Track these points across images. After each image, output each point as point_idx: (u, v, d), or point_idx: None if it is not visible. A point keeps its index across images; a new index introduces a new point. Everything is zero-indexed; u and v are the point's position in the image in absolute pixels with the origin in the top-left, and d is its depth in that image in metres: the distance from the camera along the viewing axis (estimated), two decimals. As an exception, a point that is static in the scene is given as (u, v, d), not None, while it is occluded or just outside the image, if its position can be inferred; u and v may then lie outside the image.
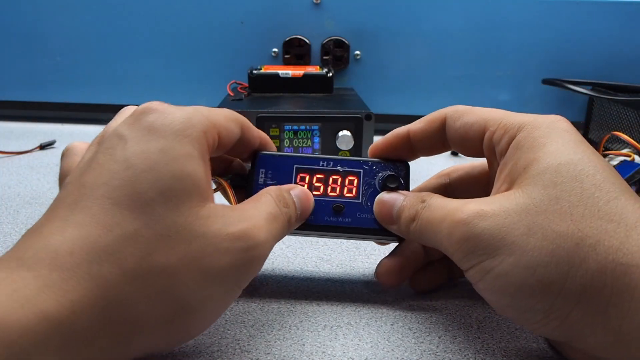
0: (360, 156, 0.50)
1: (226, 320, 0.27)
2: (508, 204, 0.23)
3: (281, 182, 0.29)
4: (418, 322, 0.28)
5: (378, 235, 0.29)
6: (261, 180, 0.29)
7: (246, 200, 0.26)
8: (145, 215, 0.21)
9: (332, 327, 0.27)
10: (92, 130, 0.72)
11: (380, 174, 0.30)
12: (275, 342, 0.26)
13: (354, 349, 0.25)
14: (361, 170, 0.30)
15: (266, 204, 0.26)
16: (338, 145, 0.50)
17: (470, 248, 0.23)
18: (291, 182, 0.29)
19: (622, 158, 0.44)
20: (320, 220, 0.29)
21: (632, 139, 0.43)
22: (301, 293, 0.31)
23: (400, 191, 0.29)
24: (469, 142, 0.28)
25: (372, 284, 0.32)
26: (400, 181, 0.29)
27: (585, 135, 0.69)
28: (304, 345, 0.26)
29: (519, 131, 0.25)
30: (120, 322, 0.19)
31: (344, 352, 0.25)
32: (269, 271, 0.33)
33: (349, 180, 0.30)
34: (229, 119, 0.26)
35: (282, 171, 0.30)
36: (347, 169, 0.30)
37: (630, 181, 0.41)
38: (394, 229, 0.28)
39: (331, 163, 0.30)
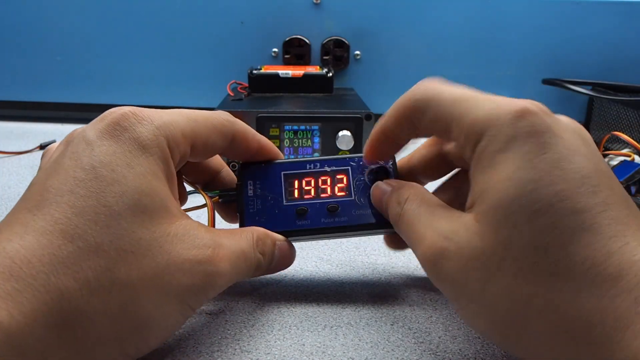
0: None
1: (226, 321, 0.27)
2: (467, 245, 0.21)
3: (271, 191, 0.29)
4: (418, 322, 0.28)
5: (376, 229, 0.29)
6: (251, 193, 0.29)
7: (229, 229, 0.26)
8: (110, 228, 0.20)
9: (332, 327, 0.27)
10: (92, 130, 0.71)
11: (368, 168, 0.30)
12: (275, 342, 0.26)
13: (354, 349, 0.25)
14: (349, 167, 0.30)
15: (244, 240, 0.26)
16: (338, 145, 0.50)
17: (438, 286, 0.23)
18: (281, 190, 0.29)
19: (622, 158, 0.44)
20: (317, 223, 0.29)
21: (632, 139, 0.43)
22: (301, 293, 0.31)
23: (389, 181, 0.28)
24: (441, 138, 0.25)
25: (372, 284, 0.32)
26: (389, 173, 0.29)
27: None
28: (304, 345, 0.26)
29: (480, 138, 0.22)
30: (76, 336, 0.19)
31: (344, 352, 0.25)
32: (269, 271, 0.33)
33: (339, 178, 0.29)
34: (214, 130, 0.26)
35: (270, 180, 0.29)
36: (334, 168, 0.30)
37: (630, 181, 0.41)
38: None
39: (318, 164, 0.30)
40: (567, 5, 0.70)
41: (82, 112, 0.78)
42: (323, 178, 0.29)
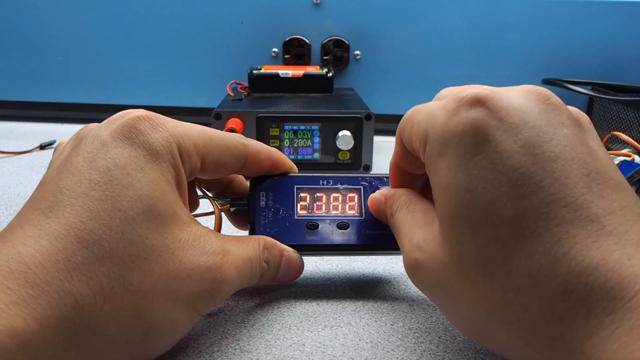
0: (361, 157, 0.51)
1: (226, 321, 0.27)
2: (433, 256, 0.21)
3: (283, 204, 0.29)
4: (418, 322, 0.28)
5: (385, 250, 0.29)
6: (262, 204, 0.29)
7: (238, 237, 0.26)
8: (124, 234, 0.20)
9: (332, 327, 0.27)
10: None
11: (380, 189, 0.30)
12: (275, 342, 0.26)
13: (354, 349, 0.25)
14: (361, 187, 0.30)
15: (251, 248, 0.26)
16: (338, 145, 0.50)
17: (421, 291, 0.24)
18: (293, 203, 0.29)
19: (622, 158, 0.44)
20: (327, 240, 0.29)
21: (632, 139, 0.43)
22: (301, 293, 0.31)
23: (381, 191, 0.28)
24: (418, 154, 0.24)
25: (372, 284, 0.32)
26: None
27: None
28: (304, 345, 0.26)
29: (426, 143, 0.22)
30: (88, 343, 0.19)
31: (344, 352, 0.25)
32: (269, 271, 0.33)
33: (350, 197, 0.30)
34: (226, 151, 0.26)
35: (283, 193, 0.29)
36: (347, 186, 0.30)
37: (630, 181, 0.41)
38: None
39: (331, 181, 0.30)
40: (567, 6, 0.70)
41: (82, 112, 0.79)
42: (335, 195, 0.30)
